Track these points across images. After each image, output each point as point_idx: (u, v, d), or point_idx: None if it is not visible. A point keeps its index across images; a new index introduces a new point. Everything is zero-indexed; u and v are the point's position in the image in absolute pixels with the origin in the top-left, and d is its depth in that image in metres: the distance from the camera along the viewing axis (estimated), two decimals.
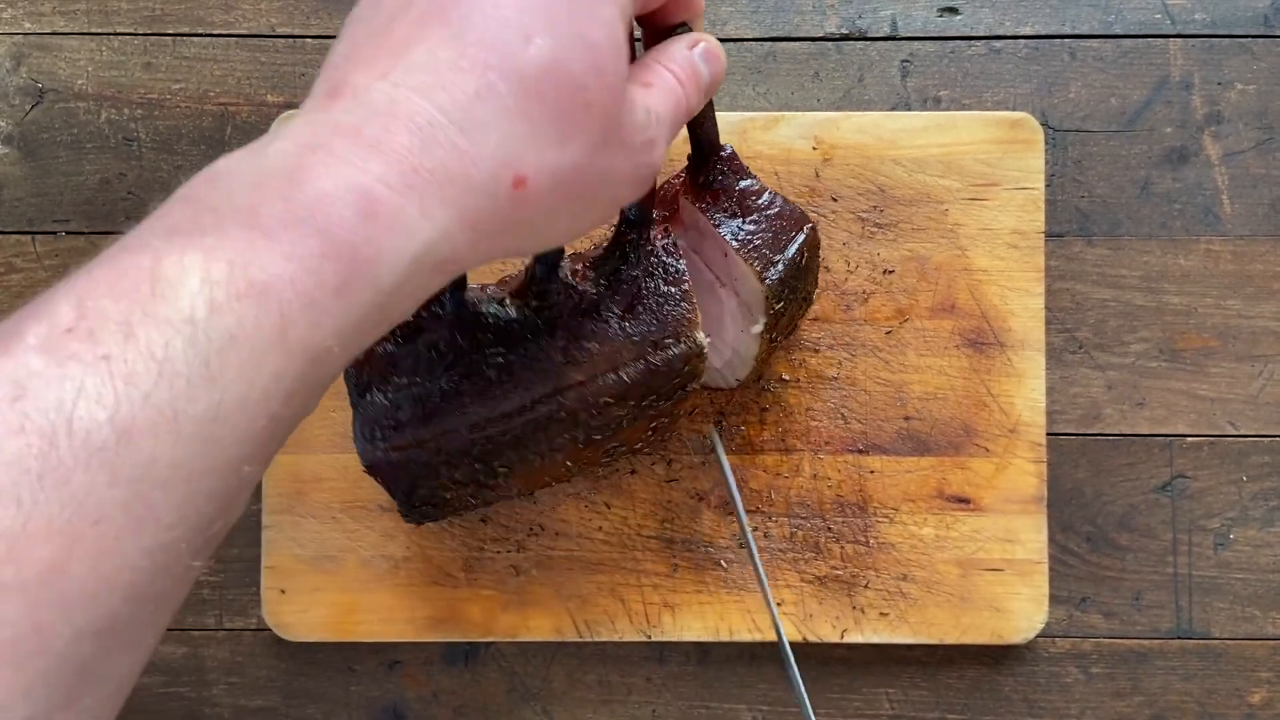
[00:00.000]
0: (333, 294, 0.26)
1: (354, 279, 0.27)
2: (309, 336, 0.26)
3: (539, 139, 0.30)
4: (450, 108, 0.29)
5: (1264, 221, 0.56)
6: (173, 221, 0.27)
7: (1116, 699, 0.56)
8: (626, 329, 0.43)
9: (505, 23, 0.30)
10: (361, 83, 0.29)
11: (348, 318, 0.27)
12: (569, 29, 0.31)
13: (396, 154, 0.28)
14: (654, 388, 0.44)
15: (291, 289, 0.26)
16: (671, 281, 0.44)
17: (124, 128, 0.57)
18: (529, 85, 0.30)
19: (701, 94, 0.38)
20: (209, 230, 0.26)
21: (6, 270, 0.57)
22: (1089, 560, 0.56)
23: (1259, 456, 0.56)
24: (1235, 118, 0.57)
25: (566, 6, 0.31)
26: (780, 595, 0.54)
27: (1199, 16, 0.57)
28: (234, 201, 0.27)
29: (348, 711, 0.56)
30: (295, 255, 0.26)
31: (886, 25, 0.57)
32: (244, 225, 0.26)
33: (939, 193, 0.55)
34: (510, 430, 0.43)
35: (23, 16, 0.58)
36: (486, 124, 0.29)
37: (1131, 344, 0.56)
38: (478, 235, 0.30)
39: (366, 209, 0.27)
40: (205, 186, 0.28)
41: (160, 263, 0.25)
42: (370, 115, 0.28)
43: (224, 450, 0.25)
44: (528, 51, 0.30)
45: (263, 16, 0.58)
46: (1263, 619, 0.56)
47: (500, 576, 0.54)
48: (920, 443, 0.54)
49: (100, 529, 0.23)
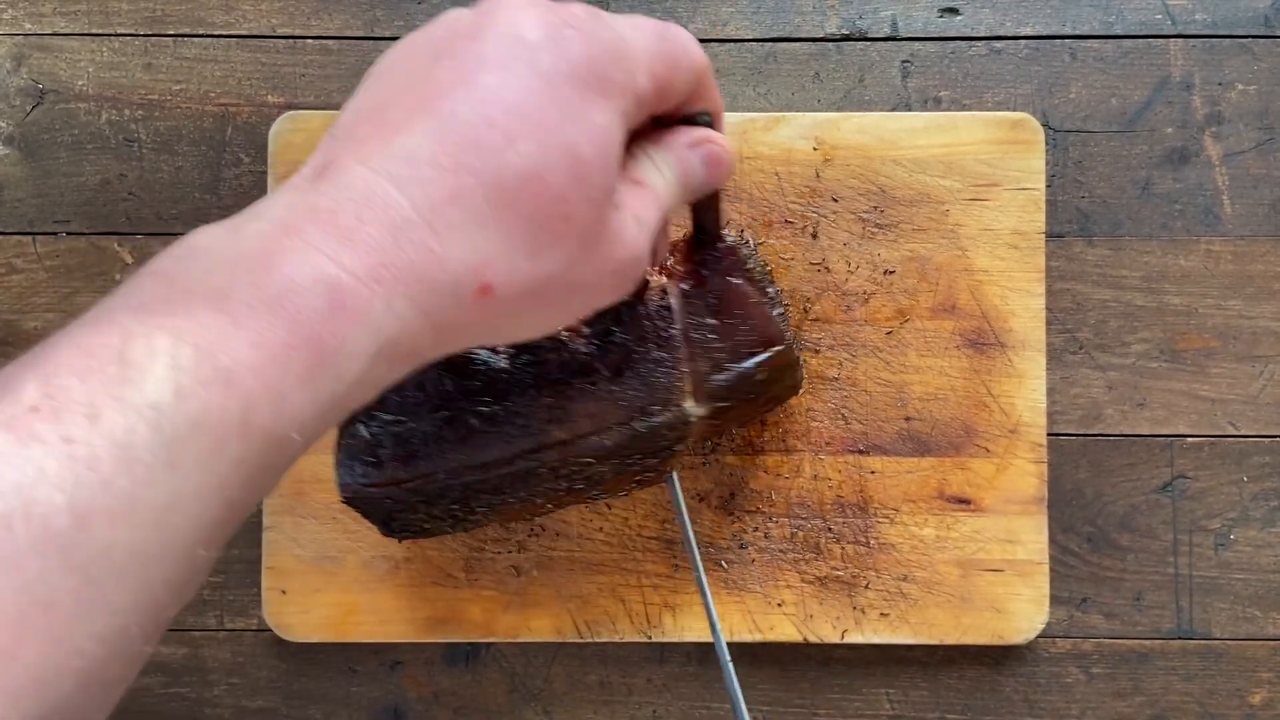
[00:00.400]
0: (297, 384, 0.26)
1: (319, 370, 0.27)
2: (271, 425, 0.26)
3: (511, 249, 0.30)
4: (424, 206, 0.28)
5: (1265, 222, 0.56)
6: (143, 298, 0.27)
7: (1117, 699, 0.56)
8: (614, 392, 0.42)
9: (491, 124, 0.29)
10: (347, 164, 0.29)
11: (310, 407, 0.27)
12: (555, 138, 0.30)
13: (367, 246, 0.28)
14: (639, 449, 0.44)
15: (256, 378, 0.26)
16: (663, 347, 0.43)
17: (124, 128, 0.57)
18: (506, 193, 0.29)
19: (691, 196, 0.37)
20: (178, 311, 0.26)
21: (7, 271, 0.57)
22: (1090, 561, 0.56)
23: (1260, 457, 0.56)
24: (1236, 118, 0.57)
25: (557, 113, 0.30)
26: (781, 596, 0.54)
27: (1200, 17, 0.57)
28: (206, 282, 0.27)
29: (348, 712, 0.56)
30: (263, 343, 0.26)
31: (887, 26, 0.57)
32: (214, 308, 0.26)
33: (940, 193, 0.55)
34: (489, 480, 0.43)
35: (23, 17, 0.58)
36: (458, 228, 0.29)
37: (1132, 344, 0.56)
38: (439, 333, 0.30)
39: (335, 301, 0.27)
40: (178, 264, 0.28)
41: (128, 344, 0.25)
42: (346, 202, 0.28)
43: (180, 536, 0.25)
44: (507, 158, 0.29)
45: (263, 17, 0.58)
46: (1263, 619, 0.56)
47: (501, 577, 0.54)
48: (921, 443, 0.54)
49: (52, 615, 0.23)
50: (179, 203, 0.57)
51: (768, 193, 0.55)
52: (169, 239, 0.57)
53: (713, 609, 0.48)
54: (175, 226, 0.57)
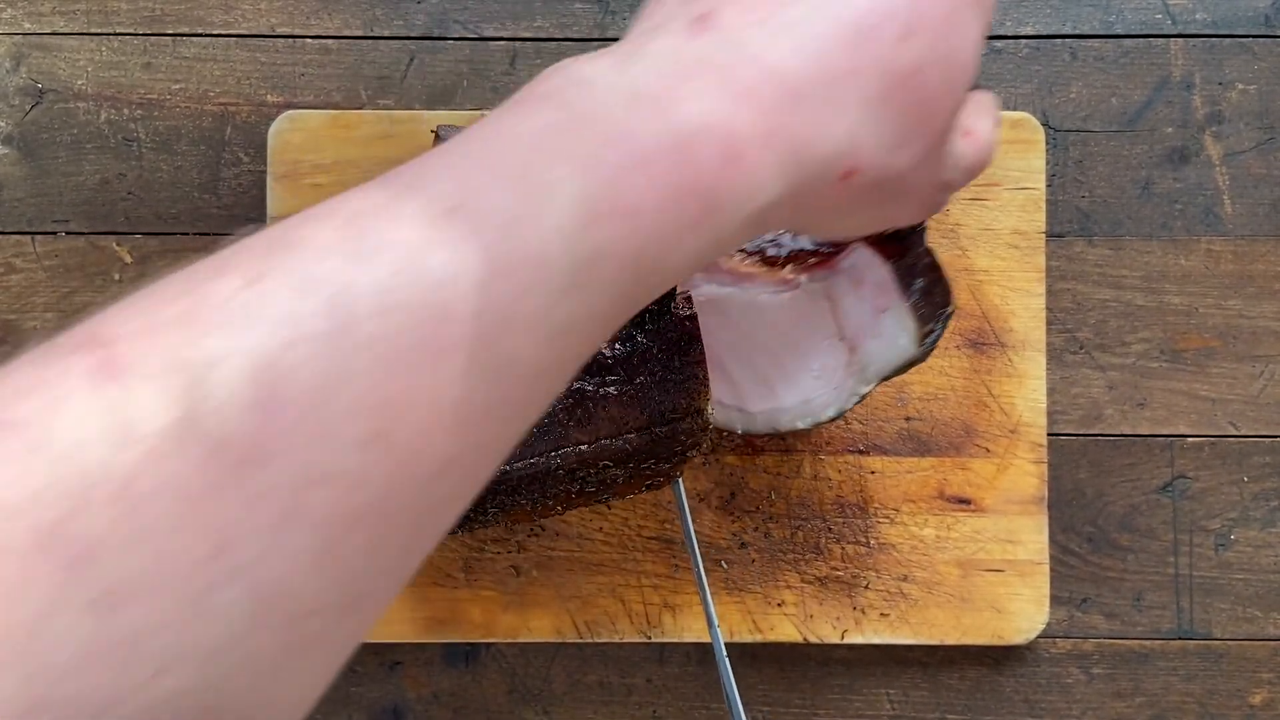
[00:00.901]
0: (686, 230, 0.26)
1: (705, 220, 0.26)
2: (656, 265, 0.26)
3: (882, 136, 0.30)
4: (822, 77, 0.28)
5: (1265, 222, 0.56)
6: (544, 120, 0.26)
7: (1117, 699, 0.56)
8: (636, 397, 0.43)
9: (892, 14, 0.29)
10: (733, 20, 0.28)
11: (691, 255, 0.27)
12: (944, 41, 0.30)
13: (765, 106, 0.27)
14: (655, 454, 0.44)
15: (654, 219, 0.25)
16: (686, 355, 0.43)
17: (124, 128, 0.57)
18: (893, 81, 0.29)
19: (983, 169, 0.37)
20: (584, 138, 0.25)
21: (6, 270, 0.57)
22: (1090, 561, 0.56)
23: (1260, 457, 0.56)
24: (1236, 118, 0.57)
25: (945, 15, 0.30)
26: (781, 596, 0.54)
27: (1200, 16, 0.57)
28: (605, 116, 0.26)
29: (348, 712, 0.56)
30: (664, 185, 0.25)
31: None
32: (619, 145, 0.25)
33: None
34: (506, 480, 0.43)
35: (22, 16, 0.58)
36: (846, 105, 0.29)
37: (1132, 344, 0.56)
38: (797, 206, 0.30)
39: (731, 153, 0.26)
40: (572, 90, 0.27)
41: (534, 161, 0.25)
42: (744, 59, 0.27)
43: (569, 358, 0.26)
44: (902, 47, 0.29)
45: (263, 16, 0.58)
46: (1264, 620, 0.56)
47: (500, 577, 0.54)
48: (921, 443, 0.54)
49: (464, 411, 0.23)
50: (178, 202, 0.57)
51: None
52: (168, 238, 0.57)
53: (713, 612, 0.48)
54: (174, 226, 0.57)
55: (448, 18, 0.57)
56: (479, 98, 0.56)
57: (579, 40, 0.57)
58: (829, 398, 0.48)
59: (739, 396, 0.49)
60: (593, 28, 0.57)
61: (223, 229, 0.57)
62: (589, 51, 0.29)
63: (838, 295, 0.47)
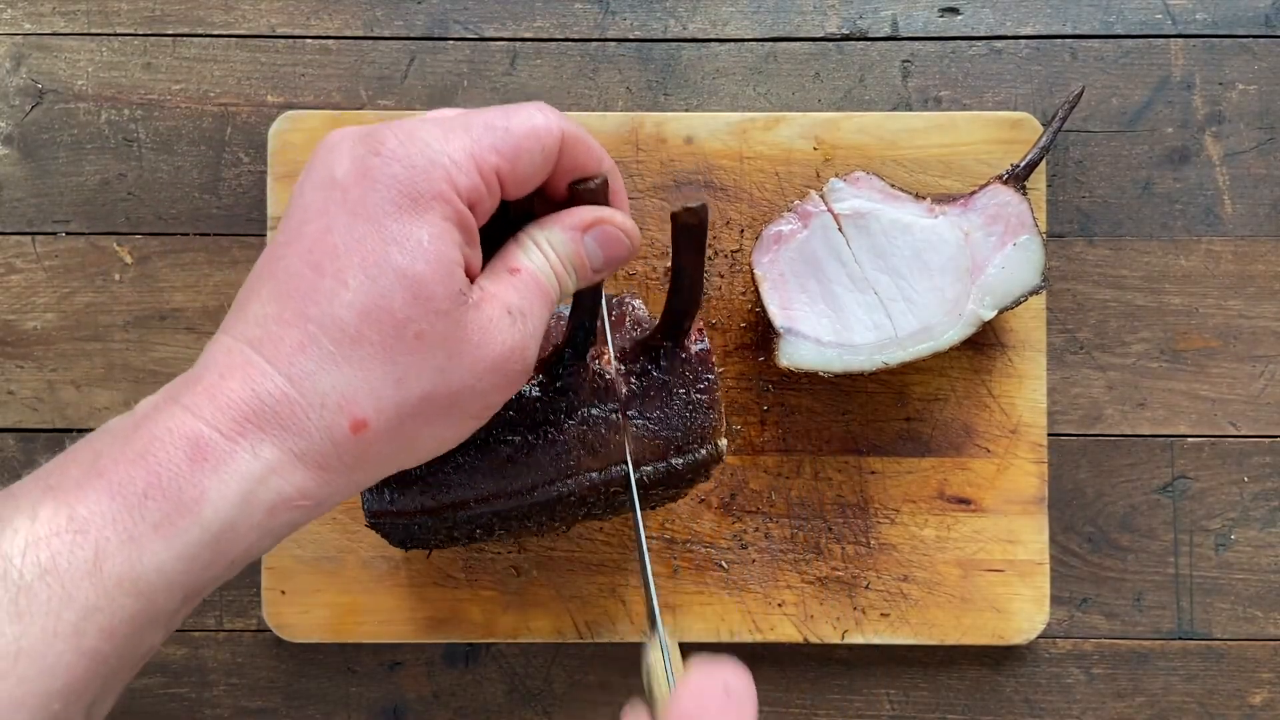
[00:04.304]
0: (153, 530, 0.28)
1: (178, 517, 0.29)
2: (127, 571, 0.28)
3: (371, 381, 0.31)
4: (277, 360, 0.30)
5: (1265, 222, 0.56)
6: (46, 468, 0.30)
7: (1118, 699, 0.56)
8: (652, 429, 0.43)
9: (319, 270, 0.31)
10: (216, 337, 0.32)
11: (171, 553, 0.29)
12: (383, 265, 0.31)
13: (228, 401, 0.30)
14: (667, 483, 0.44)
15: (110, 525, 0.28)
16: (702, 390, 0.43)
17: (124, 128, 0.57)
18: (349, 331, 0.31)
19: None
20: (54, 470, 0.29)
21: (6, 271, 0.57)
22: (1090, 561, 0.56)
23: (1260, 457, 0.56)
24: (1236, 118, 0.57)
25: (378, 242, 0.31)
26: (781, 596, 0.54)
27: (1200, 16, 0.57)
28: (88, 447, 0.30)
29: (348, 712, 0.56)
30: (120, 493, 0.28)
31: (887, 25, 0.57)
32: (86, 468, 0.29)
33: (940, 193, 0.54)
34: (518, 507, 0.43)
35: (22, 17, 0.58)
36: (313, 374, 0.30)
37: (1132, 344, 0.56)
38: (326, 474, 0.31)
39: (195, 452, 0.29)
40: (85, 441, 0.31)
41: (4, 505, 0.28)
42: (211, 367, 0.31)
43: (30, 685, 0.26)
44: (343, 297, 0.30)
45: (263, 17, 0.58)
46: (1264, 620, 0.56)
47: (501, 577, 0.54)
48: (921, 443, 0.54)
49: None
50: (178, 202, 0.57)
51: (768, 193, 0.55)
52: (168, 239, 0.57)
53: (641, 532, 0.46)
54: (174, 226, 0.57)
55: (448, 18, 0.57)
56: (479, 98, 0.56)
57: (579, 40, 0.57)
58: (949, 323, 0.51)
59: (843, 330, 0.51)
60: (593, 28, 0.57)
61: (223, 229, 0.57)
62: (588, 51, 0.29)
63: (971, 228, 0.51)
